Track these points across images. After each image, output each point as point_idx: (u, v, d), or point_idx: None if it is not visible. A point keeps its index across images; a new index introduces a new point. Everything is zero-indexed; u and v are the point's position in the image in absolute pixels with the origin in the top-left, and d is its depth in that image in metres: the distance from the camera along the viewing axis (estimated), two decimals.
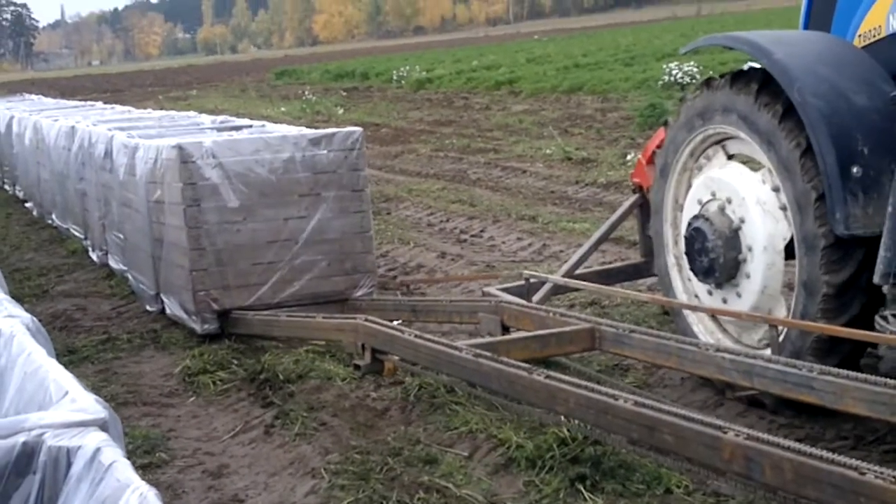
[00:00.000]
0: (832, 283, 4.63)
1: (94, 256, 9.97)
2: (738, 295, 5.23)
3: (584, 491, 4.25)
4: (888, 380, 3.82)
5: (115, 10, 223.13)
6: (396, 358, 5.44)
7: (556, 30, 76.92)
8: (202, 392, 6.07)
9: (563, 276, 6.59)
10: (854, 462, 3.15)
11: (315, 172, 7.08)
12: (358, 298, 7.15)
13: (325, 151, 7.10)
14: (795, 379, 4.13)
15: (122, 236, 8.60)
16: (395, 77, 34.74)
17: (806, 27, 5.71)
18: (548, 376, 4.42)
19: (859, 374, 3.98)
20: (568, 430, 4.58)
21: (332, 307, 6.94)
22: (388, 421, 5.30)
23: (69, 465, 2.16)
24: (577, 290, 6.63)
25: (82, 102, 18.85)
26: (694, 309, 5.53)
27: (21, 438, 2.21)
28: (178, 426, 5.61)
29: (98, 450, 2.11)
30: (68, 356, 6.70)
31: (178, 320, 7.32)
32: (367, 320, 5.64)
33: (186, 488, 4.80)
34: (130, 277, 8.47)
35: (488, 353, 4.80)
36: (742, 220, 5.14)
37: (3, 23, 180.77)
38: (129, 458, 2.12)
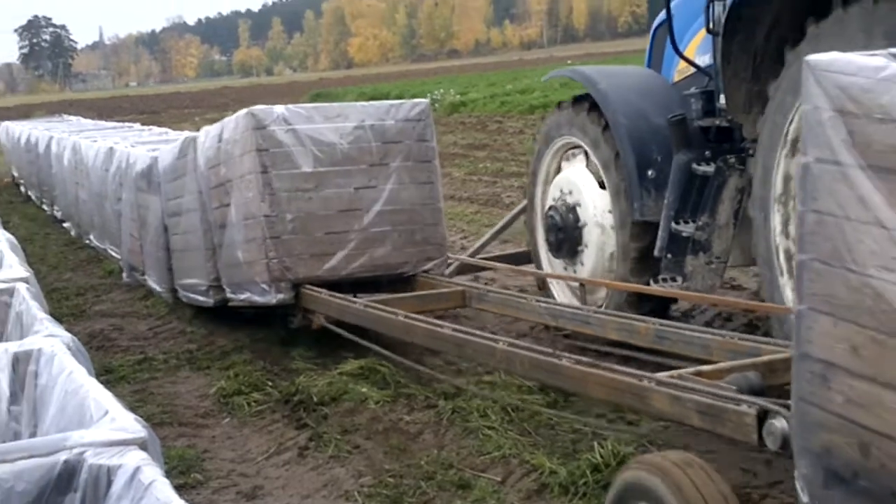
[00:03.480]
0: (635, 254, 6.29)
1: (125, 277, 10.09)
2: (582, 264, 6.80)
3: None
4: (631, 315, 5.54)
5: (153, 31, 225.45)
6: (322, 316, 6.63)
7: (589, 54, 76.83)
8: (237, 413, 6.10)
9: (469, 256, 8.21)
10: (557, 353, 4.68)
11: (384, 142, 7.01)
12: (428, 273, 7.10)
13: (392, 121, 7.05)
14: (580, 318, 5.74)
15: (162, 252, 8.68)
16: (429, 100, 34.75)
17: (649, 65, 7.28)
18: (406, 316, 5.84)
19: (616, 312, 5.69)
20: (601, 456, 4.57)
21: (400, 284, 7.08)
22: (421, 444, 5.31)
23: (109, 483, 2.19)
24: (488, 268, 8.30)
25: (120, 124, 19.03)
26: (537, 275, 7.38)
27: (62, 457, 2.24)
28: (212, 447, 5.65)
29: (138, 469, 2.14)
30: (105, 376, 6.76)
31: (243, 302, 7.25)
32: None
33: None
34: (178, 289, 8.51)
35: (376, 305, 6.21)
36: (581, 209, 6.74)
37: (43, 44, 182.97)
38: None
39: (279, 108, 6.90)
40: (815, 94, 2.78)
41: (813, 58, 2.83)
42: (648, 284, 6.04)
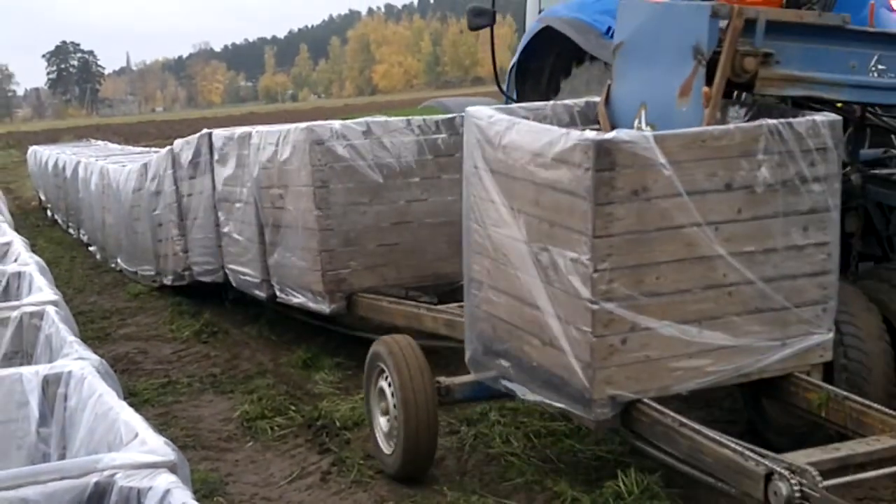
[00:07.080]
0: None
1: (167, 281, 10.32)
2: None
3: None
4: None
5: (180, 57, 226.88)
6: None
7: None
8: (260, 437, 6.12)
9: None
10: (413, 304, 6.68)
11: (436, 155, 7.23)
12: None
13: (445, 135, 7.26)
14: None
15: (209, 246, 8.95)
16: None
17: (507, 99, 8.35)
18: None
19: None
20: (624, 484, 4.57)
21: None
22: (443, 470, 5.31)
23: None
24: None
25: (147, 149, 19.17)
26: None
27: (94, 478, 2.28)
28: (235, 471, 5.67)
29: (168, 491, 2.17)
30: (129, 399, 6.71)
31: (295, 305, 7.50)
32: None
33: None
34: (227, 272, 8.71)
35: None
36: None
37: (71, 69, 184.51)
38: None
39: (336, 124, 7.12)
40: (469, 130, 4.78)
41: (468, 109, 4.82)
42: None
